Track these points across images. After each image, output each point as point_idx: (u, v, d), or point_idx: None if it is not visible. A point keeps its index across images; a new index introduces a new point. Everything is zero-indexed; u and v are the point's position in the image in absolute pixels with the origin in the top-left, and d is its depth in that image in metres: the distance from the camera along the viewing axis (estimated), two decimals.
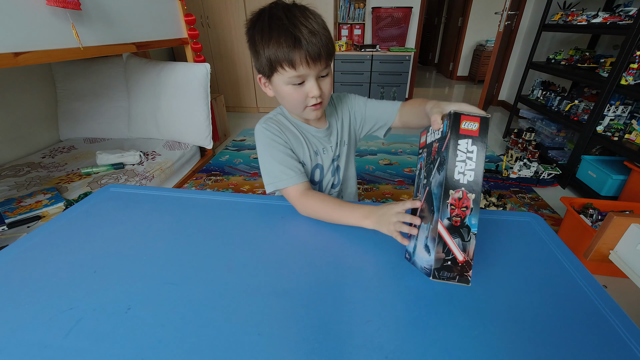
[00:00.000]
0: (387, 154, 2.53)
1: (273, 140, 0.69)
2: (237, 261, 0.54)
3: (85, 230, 0.63)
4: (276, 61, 0.58)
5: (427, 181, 0.47)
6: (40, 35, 1.16)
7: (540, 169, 2.01)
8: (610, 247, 0.97)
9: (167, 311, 0.45)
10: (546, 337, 0.41)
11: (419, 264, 0.48)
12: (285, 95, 0.63)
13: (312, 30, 0.56)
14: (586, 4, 2.33)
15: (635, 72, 1.59)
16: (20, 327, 0.43)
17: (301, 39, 0.55)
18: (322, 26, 0.59)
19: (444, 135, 0.44)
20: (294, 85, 0.61)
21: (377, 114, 0.78)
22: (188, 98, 1.99)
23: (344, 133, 0.79)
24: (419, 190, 0.51)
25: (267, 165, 0.69)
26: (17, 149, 1.85)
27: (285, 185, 0.66)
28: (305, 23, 0.56)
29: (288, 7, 0.58)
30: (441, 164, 0.43)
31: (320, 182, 0.80)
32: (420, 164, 0.53)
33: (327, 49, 0.59)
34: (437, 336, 0.41)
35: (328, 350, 0.39)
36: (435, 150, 0.46)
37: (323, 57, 0.58)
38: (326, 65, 0.61)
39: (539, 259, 0.55)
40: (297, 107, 0.65)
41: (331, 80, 0.66)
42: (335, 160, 0.79)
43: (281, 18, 0.56)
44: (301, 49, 0.56)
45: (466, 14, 4.84)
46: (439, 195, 0.42)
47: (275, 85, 0.63)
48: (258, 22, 0.59)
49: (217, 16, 3.15)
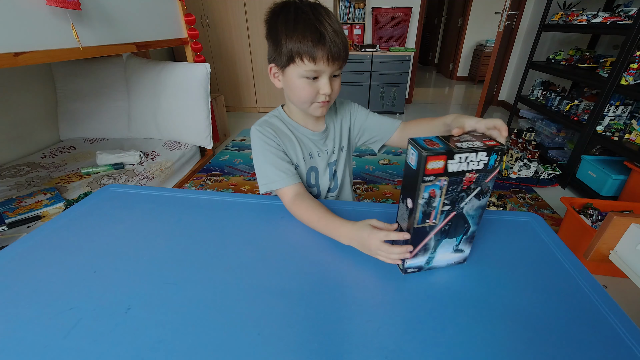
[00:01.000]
0: (387, 154, 2.53)
1: (266, 143, 0.70)
2: (237, 261, 0.54)
3: (85, 230, 0.63)
4: (297, 53, 0.58)
5: (451, 207, 0.45)
6: (40, 35, 1.16)
7: (540, 169, 2.01)
8: (610, 247, 0.97)
9: (167, 311, 0.45)
10: (546, 337, 0.41)
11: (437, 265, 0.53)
12: (296, 88, 0.63)
13: (335, 30, 0.58)
14: (586, 4, 2.33)
15: (635, 72, 1.59)
16: (20, 327, 0.43)
17: (326, 36, 0.57)
18: (342, 29, 0.61)
19: (489, 168, 0.43)
20: (308, 80, 0.61)
21: (376, 127, 0.79)
22: (188, 98, 1.99)
23: (343, 139, 0.80)
24: (429, 217, 0.45)
25: (261, 166, 0.70)
26: (17, 149, 1.84)
27: (277, 186, 0.67)
28: (329, 22, 0.58)
29: (314, 5, 0.60)
30: (485, 193, 0.45)
31: (317, 186, 0.80)
32: (431, 192, 0.43)
33: (346, 51, 0.61)
34: (437, 336, 0.41)
35: (328, 350, 0.39)
36: (473, 181, 0.43)
37: (342, 57, 0.61)
38: (341, 66, 0.63)
39: (539, 259, 0.55)
40: (305, 101, 0.65)
41: (340, 82, 0.67)
42: (333, 165, 0.80)
43: (307, 12, 0.58)
44: (325, 45, 0.57)
45: (466, 14, 4.84)
46: (479, 214, 0.48)
47: (288, 76, 0.63)
48: (282, 12, 0.60)
49: (217, 16, 3.14)
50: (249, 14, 3.08)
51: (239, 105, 3.61)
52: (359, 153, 2.53)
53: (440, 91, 4.78)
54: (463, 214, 0.47)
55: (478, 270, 0.52)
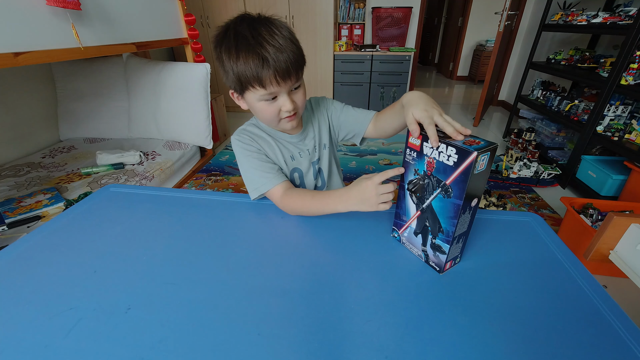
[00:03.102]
0: (387, 154, 2.53)
1: (246, 150, 0.70)
2: (237, 261, 0.54)
3: (85, 230, 0.63)
4: (246, 81, 0.57)
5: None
6: (40, 35, 1.16)
7: (540, 169, 2.01)
8: (610, 247, 0.97)
9: (167, 311, 0.45)
10: (546, 337, 0.41)
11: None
12: (259, 111, 0.64)
13: (278, 47, 0.55)
14: (586, 4, 2.33)
15: (635, 72, 1.59)
16: (20, 327, 0.43)
17: (268, 59, 0.54)
18: (289, 40, 0.57)
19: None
20: (267, 101, 0.61)
21: (350, 122, 0.78)
22: (188, 98, 1.99)
23: (323, 136, 0.79)
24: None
25: (247, 173, 0.70)
26: (17, 149, 1.84)
27: (266, 188, 0.67)
28: (271, 41, 0.55)
29: (253, 24, 0.56)
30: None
31: (302, 186, 0.80)
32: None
33: (296, 64, 0.58)
34: (437, 336, 0.41)
35: (328, 350, 0.40)
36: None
37: (292, 73, 0.58)
38: (297, 79, 0.61)
39: (539, 259, 0.55)
40: (272, 120, 0.65)
41: (304, 91, 0.65)
42: (316, 163, 0.80)
43: (246, 37, 0.55)
44: (269, 68, 0.55)
45: (466, 14, 4.84)
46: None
47: (248, 101, 0.63)
48: (225, 39, 0.58)
49: (217, 16, 3.15)
50: None
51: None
52: (358, 153, 2.53)
53: (440, 91, 4.78)
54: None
55: (478, 270, 0.52)
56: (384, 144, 2.72)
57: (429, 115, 0.47)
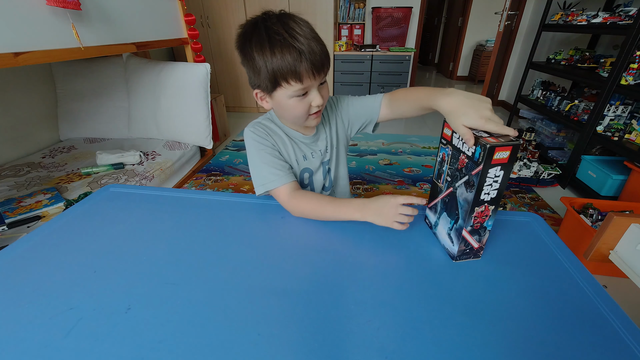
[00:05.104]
0: (387, 154, 2.53)
1: (260, 143, 0.69)
2: (237, 261, 0.54)
3: (85, 230, 0.63)
4: (281, 76, 0.57)
5: (452, 183, 0.52)
6: (40, 35, 1.16)
7: (540, 169, 2.01)
8: (610, 247, 0.97)
9: (167, 311, 0.45)
10: (546, 337, 0.41)
11: (441, 241, 0.58)
12: (289, 108, 0.63)
13: (310, 38, 0.56)
14: (586, 4, 2.33)
15: (635, 72, 1.59)
16: (20, 327, 0.43)
17: (305, 51, 0.55)
18: (316, 34, 0.58)
19: (476, 160, 0.45)
20: (298, 97, 0.60)
21: (361, 112, 0.77)
22: (188, 98, 1.99)
23: (333, 136, 0.79)
24: (440, 178, 0.56)
25: (256, 167, 0.69)
26: (17, 149, 1.84)
27: (274, 185, 0.67)
28: (303, 34, 0.55)
29: (282, 19, 0.56)
30: (470, 185, 0.47)
31: (311, 185, 0.80)
32: (443, 155, 0.55)
33: (327, 57, 0.59)
34: (437, 336, 0.41)
35: (328, 350, 0.40)
36: (464, 164, 0.48)
37: (326, 64, 0.59)
38: (326, 73, 0.61)
39: (539, 259, 0.55)
40: (301, 117, 0.65)
41: (327, 86, 0.66)
42: (327, 163, 0.79)
43: (280, 32, 0.55)
44: (306, 61, 0.55)
45: (466, 14, 4.84)
46: (465, 209, 0.49)
47: (278, 99, 0.62)
48: (254, 36, 0.57)
49: (217, 16, 3.15)
50: (249, 14, 3.08)
51: (239, 105, 3.61)
52: (358, 153, 2.53)
53: None
54: (456, 196, 0.51)
55: (478, 270, 0.52)
56: (384, 144, 2.72)
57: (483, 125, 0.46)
